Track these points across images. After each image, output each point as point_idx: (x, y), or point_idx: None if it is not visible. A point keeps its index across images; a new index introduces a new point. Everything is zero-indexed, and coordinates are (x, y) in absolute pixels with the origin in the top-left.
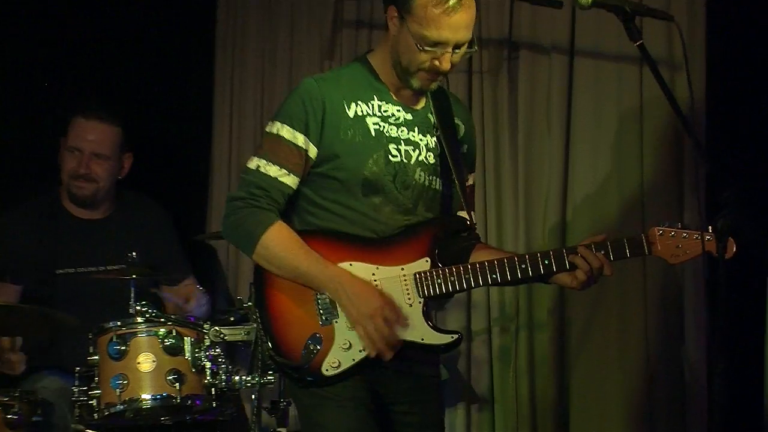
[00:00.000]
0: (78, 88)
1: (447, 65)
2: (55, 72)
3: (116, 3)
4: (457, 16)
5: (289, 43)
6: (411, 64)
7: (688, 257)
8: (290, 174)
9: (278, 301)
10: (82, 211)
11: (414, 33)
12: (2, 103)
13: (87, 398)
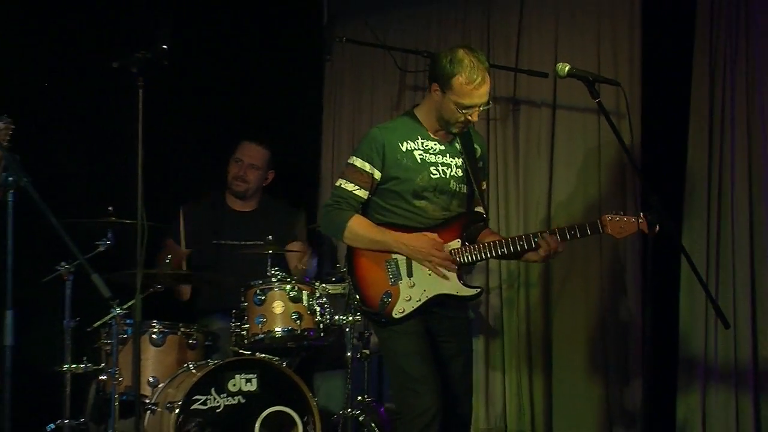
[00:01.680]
0: (241, 120)
1: (475, 118)
2: (225, 109)
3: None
4: (481, 89)
5: (370, 99)
6: (451, 120)
7: (628, 233)
8: (361, 189)
9: (362, 269)
10: (237, 203)
11: (454, 101)
12: (190, 129)
13: (240, 330)
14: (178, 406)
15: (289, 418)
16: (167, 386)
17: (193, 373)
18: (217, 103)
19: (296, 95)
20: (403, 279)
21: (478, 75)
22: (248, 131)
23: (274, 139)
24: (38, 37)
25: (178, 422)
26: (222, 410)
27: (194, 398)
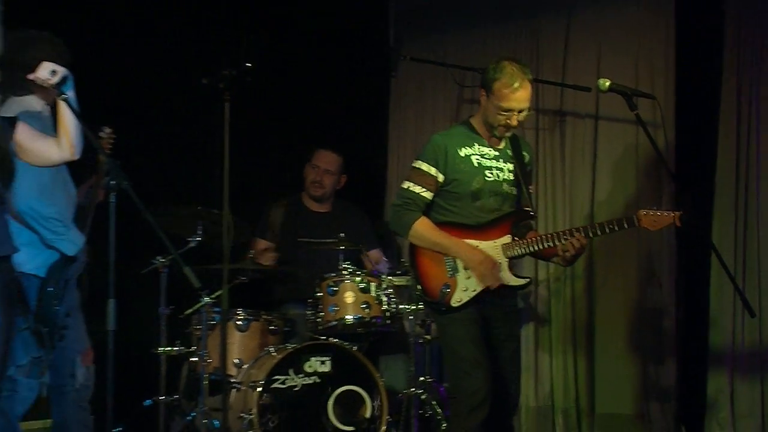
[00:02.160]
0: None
1: (515, 122)
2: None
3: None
4: (518, 94)
5: (431, 110)
6: (494, 123)
7: (661, 225)
8: (427, 191)
9: (423, 263)
10: (314, 205)
11: (494, 104)
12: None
13: (315, 318)
14: (260, 385)
15: (359, 396)
16: (250, 367)
17: (273, 356)
18: (295, 114)
19: (366, 107)
20: (459, 272)
21: (517, 81)
22: (323, 140)
23: (346, 146)
24: (140, 58)
25: (261, 399)
26: (299, 389)
27: (274, 378)
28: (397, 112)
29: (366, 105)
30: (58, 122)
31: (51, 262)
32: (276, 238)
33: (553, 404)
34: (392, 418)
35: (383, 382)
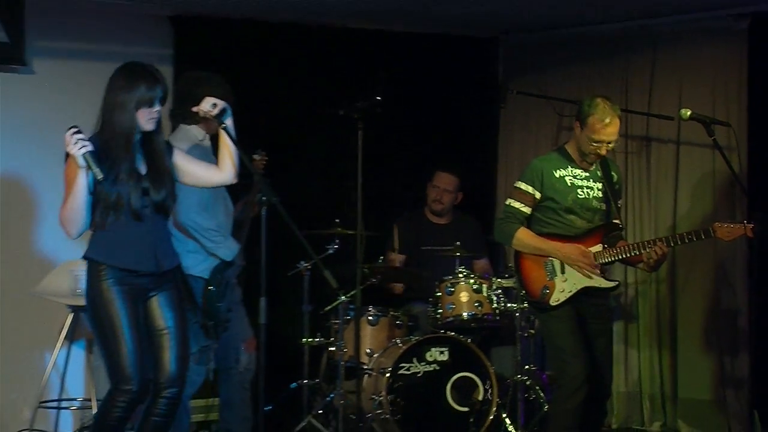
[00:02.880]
0: (436, 153)
1: (603, 152)
2: (424, 144)
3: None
4: (608, 129)
5: (536, 135)
6: (586, 151)
7: (735, 235)
8: (525, 206)
9: (526, 268)
10: (435, 218)
11: (587, 135)
12: (397, 160)
13: (435, 314)
14: (388, 371)
15: (473, 382)
16: (380, 356)
17: (399, 347)
18: (418, 140)
19: (479, 135)
20: (557, 275)
21: (608, 117)
22: (442, 163)
23: (462, 168)
24: (287, 94)
25: (389, 383)
26: (421, 375)
27: (401, 365)
28: (505, 138)
29: (479, 132)
30: (219, 148)
31: (213, 267)
32: (404, 249)
33: (641, 390)
34: (501, 401)
35: (494, 370)
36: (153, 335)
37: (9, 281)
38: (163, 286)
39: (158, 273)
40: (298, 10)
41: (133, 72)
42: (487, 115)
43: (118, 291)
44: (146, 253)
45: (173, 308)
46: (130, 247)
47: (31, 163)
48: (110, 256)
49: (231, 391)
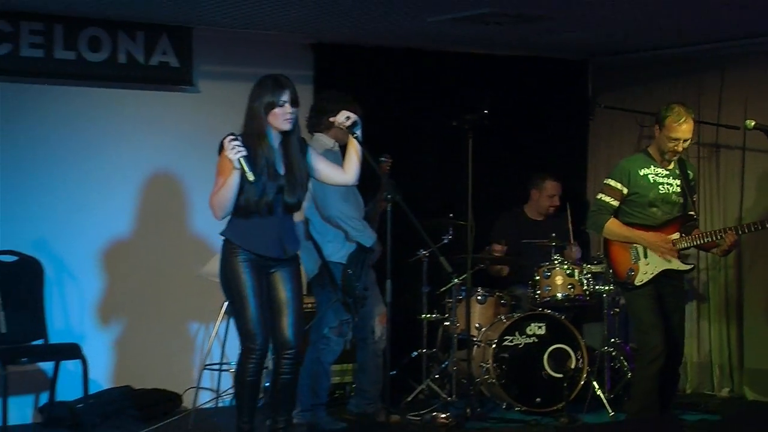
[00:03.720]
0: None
1: (680, 149)
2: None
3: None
4: (683, 126)
5: (619, 142)
6: (665, 149)
7: None
8: (614, 200)
9: (613, 254)
10: (534, 215)
11: (666, 135)
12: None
13: (534, 295)
14: (494, 343)
15: (566, 352)
16: (487, 330)
17: (504, 322)
18: (518, 147)
19: (571, 143)
20: (641, 259)
21: (683, 117)
22: (543, 168)
23: (556, 170)
24: (410, 108)
25: (495, 353)
26: (522, 346)
27: (505, 338)
28: (594, 145)
29: (571, 141)
30: (347, 154)
31: (349, 253)
32: (506, 240)
33: (711, 360)
34: (590, 369)
35: (584, 342)
36: (273, 304)
37: (179, 266)
38: (284, 264)
39: (283, 258)
40: (419, 37)
41: (261, 82)
42: (578, 126)
43: (246, 267)
44: (275, 241)
45: (291, 282)
46: (262, 236)
47: (194, 167)
48: (245, 240)
49: (366, 358)
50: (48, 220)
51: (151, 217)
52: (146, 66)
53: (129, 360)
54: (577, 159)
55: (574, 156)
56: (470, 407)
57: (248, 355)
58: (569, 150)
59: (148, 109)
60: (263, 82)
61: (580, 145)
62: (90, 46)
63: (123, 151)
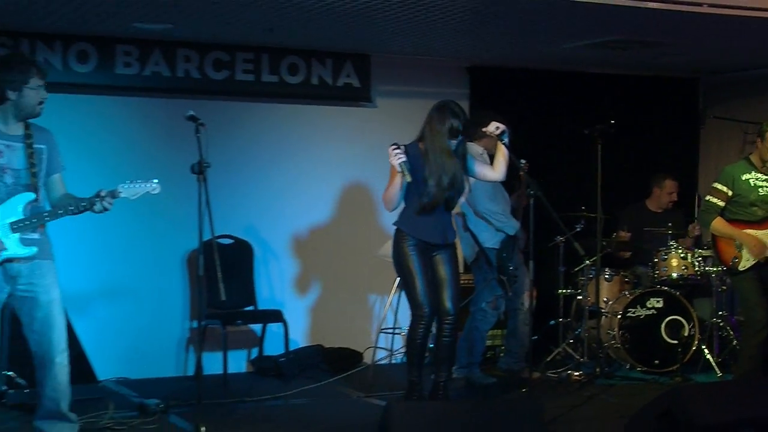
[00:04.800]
0: (652, 161)
1: None
2: (647, 155)
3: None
4: None
5: (726, 149)
6: (766, 158)
7: None
8: (720, 201)
9: (720, 244)
10: (654, 207)
11: (766, 147)
12: (626, 165)
13: (653, 274)
14: (619, 314)
15: (680, 322)
16: (614, 303)
17: (627, 297)
18: (640, 151)
19: (685, 148)
20: (744, 249)
21: None
22: (660, 170)
23: (673, 172)
24: (547, 117)
25: (620, 322)
26: (643, 317)
27: (628, 310)
28: (705, 151)
29: (684, 147)
30: (496, 157)
31: (502, 239)
32: (630, 228)
33: None
34: (701, 337)
35: (696, 314)
36: (436, 281)
37: (360, 248)
38: (443, 249)
39: (443, 245)
40: (556, 60)
41: (444, 108)
42: (691, 134)
43: (414, 250)
44: (437, 231)
45: (450, 263)
46: (427, 226)
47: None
48: (413, 229)
49: (516, 325)
50: (256, 211)
51: (338, 207)
52: (334, 87)
53: (321, 323)
54: (689, 162)
55: (687, 160)
56: (599, 367)
57: (418, 321)
58: (683, 154)
59: (335, 122)
60: (445, 109)
61: (692, 151)
62: (289, 71)
63: (315, 155)
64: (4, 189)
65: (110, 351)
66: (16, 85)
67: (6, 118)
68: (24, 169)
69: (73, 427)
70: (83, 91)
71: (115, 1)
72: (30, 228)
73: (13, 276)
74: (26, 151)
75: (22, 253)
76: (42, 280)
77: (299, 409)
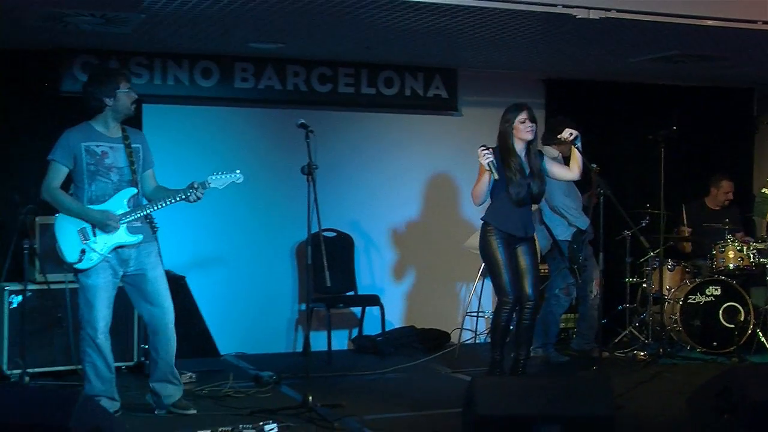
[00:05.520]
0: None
1: None
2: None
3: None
4: None
5: None
6: None
7: None
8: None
9: None
10: (713, 205)
11: None
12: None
13: (712, 265)
14: (681, 300)
15: (736, 309)
16: (675, 290)
17: (688, 285)
18: (698, 154)
19: (740, 152)
20: None
21: None
22: (718, 171)
23: (731, 175)
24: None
25: (681, 308)
26: (703, 303)
27: (689, 296)
28: (759, 154)
29: (739, 150)
30: (570, 159)
31: (573, 233)
32: (690, 224)
33: None
34: (756, 321)
35: (751, 301)
36: (518, 270)
37: (448, 240)
38: (524, 241)
39: (525, 237)
40: (623, 73)
41: (507, 108)
42: (745, 138)
43: (499, 242)
44: (520, 224)
45: (530, 254)
46: (511, 220)
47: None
48: (500, 222)
49: (586, 310)
50: (357, 207)
51: (428, 204)
52: (424, 97)
53: (413, 307)
54: (744, 164)
55: (742, 162)
56: (662, 348)
57: (503, 306)
58: (738, 157)
59: (425, 129)
60: (508, 108)
61: (747, 154)
62: (385, 84)
63: (408, 158)
64: (111, 185)
65: (230, 329)
66: (110, 92)
67: (107, 123)
68: (126, 167)
69: (180, 389)
70: (207, 103)
71: (234, 24)
72: (134, 218)
73: (125, 260)
74: (126, 151)
75: (131, 241)
76: (148, 258)
77: (394, 382)
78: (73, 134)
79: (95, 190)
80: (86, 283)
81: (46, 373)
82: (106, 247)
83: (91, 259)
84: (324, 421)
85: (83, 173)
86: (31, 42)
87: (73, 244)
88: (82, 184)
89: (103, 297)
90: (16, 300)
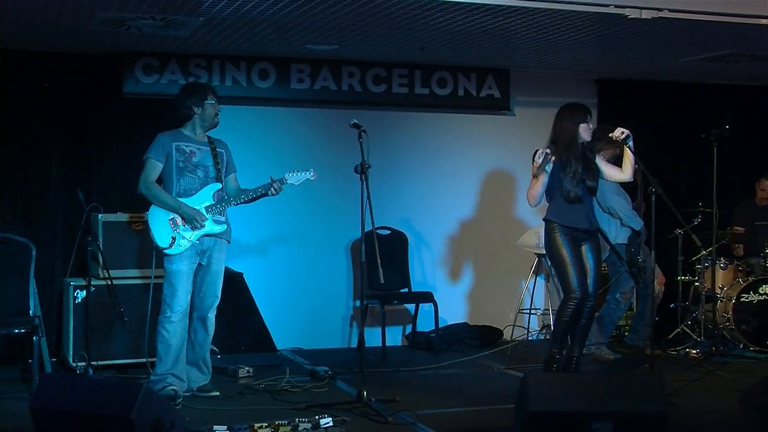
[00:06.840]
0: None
1: None
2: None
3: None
4: None
5: None
6: None
7: None
8: None
9: None
10: (762, 203)
11: None
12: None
13: (764, 263)
14: (733, 298)
15: None
16: (728, 289)
17: (740, 283)
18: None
19: None
20: None
21: None
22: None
23: None
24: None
25: (734, 306)
26: (755, 302)
27: (741, 295)
28: None
29: None
30: (624, 160)
31: (629, 235)
32: (742, 222)
33: None
34: None
35: None
36: (584, 268)
37: (502, 238)
38: (589, 240)
39: (590, 229)
40: (674, 73)
41: (572, 107)
42: None
43: (565, 239)
44: (583, 216)
45: (593, 253)
46: (574, 214)
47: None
48: (562, 218)
49: (645, 308)
50: (410, 205)
51: (480, 202)
52: (477, 98)
53: (466, 304)
54: None
55: None
56: (714, 346)
57: (568, 302)
58: None
59: (478, 128)
60: (574, 107)
61: None
62: (439, 84)
63: (461, 157)
64: (197, 181)
65: (287, 325)
66: (198, 103)
67: (194, 129)
68: (211, 166)
69: (206, 378)
70: (264, 104)
71: (290, 26)
72: (218, 211)
73: (203, 250)
74: (212, 153)
75: (216, 230)
76: (219, 254)
77: (448, 378)
78: (165, 136)
79: (183, 184)
80: (171, 269)
81: (109, 366)
82: (195, 235)
83: (180, 246)
84: (378, 416)
85: (173, 169)
86: (95, 46)
87: (164, 231)
88: (171, 180)
89: (185, 282)
90: (80, 295)
